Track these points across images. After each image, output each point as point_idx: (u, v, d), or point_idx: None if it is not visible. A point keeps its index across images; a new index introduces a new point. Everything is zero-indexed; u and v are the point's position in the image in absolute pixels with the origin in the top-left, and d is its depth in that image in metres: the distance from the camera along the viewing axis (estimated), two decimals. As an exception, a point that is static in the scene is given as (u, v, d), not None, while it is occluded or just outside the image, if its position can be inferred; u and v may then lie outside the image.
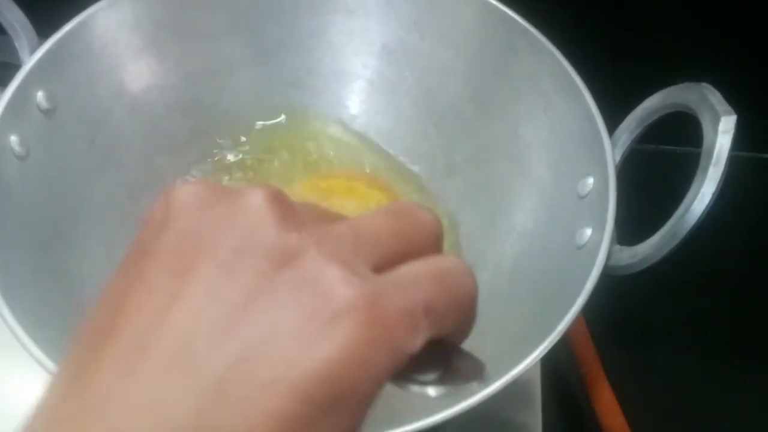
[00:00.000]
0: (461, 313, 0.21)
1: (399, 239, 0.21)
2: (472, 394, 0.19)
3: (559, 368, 0.53)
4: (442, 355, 0.21)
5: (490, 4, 0.49)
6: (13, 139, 0.43)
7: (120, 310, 0.19)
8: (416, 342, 0.19)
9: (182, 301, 0.19)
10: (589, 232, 0.43)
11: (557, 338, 0.38)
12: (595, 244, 0.41)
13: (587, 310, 0.39)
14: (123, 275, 0.20)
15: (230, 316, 0.18)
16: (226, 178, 0.53)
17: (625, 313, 0.54)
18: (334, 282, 0.18)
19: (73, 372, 0.19)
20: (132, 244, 0.21)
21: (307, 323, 0.18)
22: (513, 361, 0.37)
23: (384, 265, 0.20)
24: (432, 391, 0.20)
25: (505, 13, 0.48)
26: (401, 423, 0.35)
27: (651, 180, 0.55)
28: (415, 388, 0.20)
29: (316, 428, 0.18)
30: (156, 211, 0.21)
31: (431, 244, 0.22)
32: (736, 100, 0.41)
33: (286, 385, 0.17)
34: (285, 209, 0.20)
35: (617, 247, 0.42)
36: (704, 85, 0.41)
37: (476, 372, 0.21)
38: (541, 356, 0.37)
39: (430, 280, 0.20)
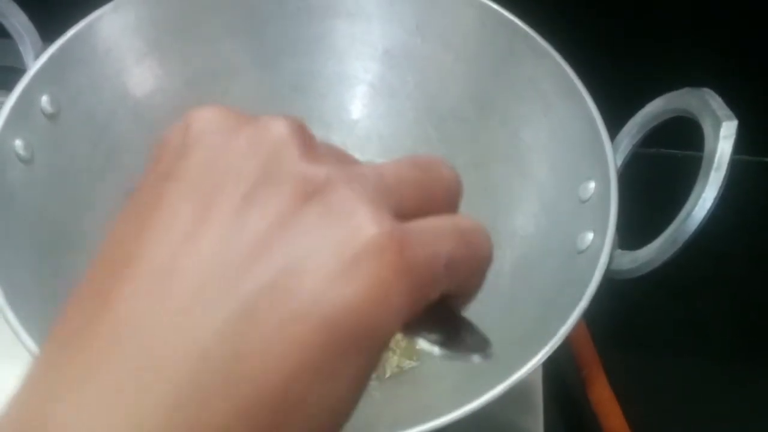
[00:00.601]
0: (476, 273, 0.21)
1: (421, 191, 0.21)
2: (474, 364, 0.19)
3: (560, 371, 0.53)
4: (449, 317, 0.21)
5: (491, 7, 0.49)
6: (18, 143, 0.43)
7: (142, 233, 0.19)
8: (435, 291, 0.19)
9: (209, 227, 0.18)
10: (590, 236, 0.43)
11: (559, 342, 0.38)
12: (596, 249, 0.41)
13: (588, 313, 0.39)
14: (142, 199, 0.20)
15: (258, 243, 0.18)
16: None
17: (625, 316, 0.54)
18: (364, 218, 0.18)
19: (91, 298, 0.19)
20: (148, 168, 0.20)
21: (336, 257, 0.18)
22: (515, 365, 0.37)
23: (405, 214, 0.19)
24: (437, 350, 0.20)
25: (506, 16, 0.48)
26: (404, 426, 0.35)
27: (652, 183, 0.55)
28: (422, 342, 0.20)
29: (338, 363, 0.18)
30: (174, 135, 0.20)
31: (451, 201, 0.22)
32: (737, 104, 0.41)
33: (315, 317, 0.17)
34: (309, 141, 0.20)
35: (618, 251, 0.42)
36: (705, 90, 0.41)
37: (480, 346, 0.21)
38: (543, 360, 0.37)
39: (452, 234, 0.20)
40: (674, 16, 0.57)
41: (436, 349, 0.20)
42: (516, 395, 0.45)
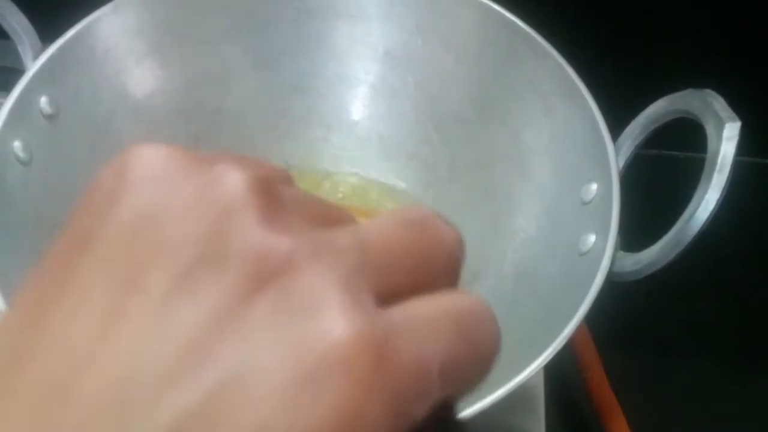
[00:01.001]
0: (479, 371, 0.16)
1: (414, 260, 0.16)
2: None
3: (562, 373, 0.53)
4: (438, 417, 0.16)
5: (493, 8, 0.49)
6: (17, 144, 0.43)
7: (42, 323, 0.15)
8: (424, 407, 0.15)
9: (123, 325, 0.14)
10: (592, 238, 0.43)
11: (561, 345, 0.37)
12: (598, 251, 0.41)
13: (589, 315, 0.39)
14: (52, 266, 0.16)
15: (188, 350, 0.14)
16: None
17: (627, 318, 0.54)
18: (332, 314, 0.14)
19: None
20: (70, 219, 0.16)
21: (292, 370, 0.13)
22: (517, 368, 0.37)
23: (392, 293, 0.15)
24: None
25: (507, 17, 0.48)
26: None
27: (653, 185, 0.54)
28: None
29: None
30: (105, 178, 0.16)
31: (450, 270, 0.17)
32: (739, 105, 0.41)
33: None
34: (272, 200, 0.15)
35: (621, 253, 0.42)
36: (708, 91, 0.41)
37: None
38: (545, 363, 0.37)
39: (449, 326, 0.15)
40: (676, 16, 0.57)
41: None
42: (517, 398, 0.45)
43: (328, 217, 0.17)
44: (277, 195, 0.15)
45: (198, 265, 0.14)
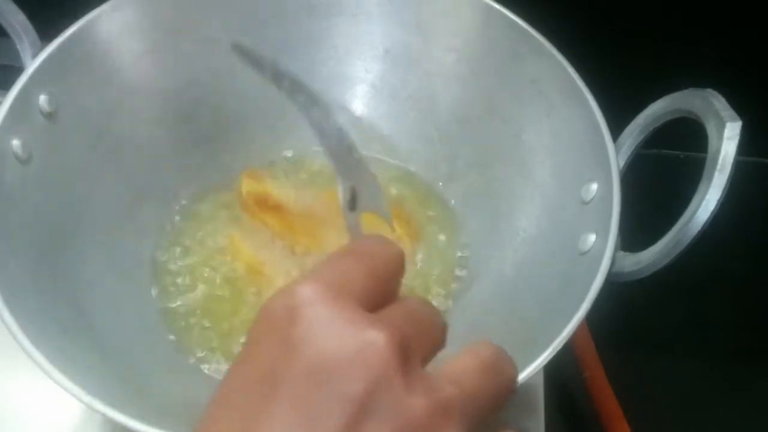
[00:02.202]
0: None
1: (493, 402, 0.22)
2: None
3: (561, 373, 0.53)
4: None
5: (494, 8, 0.49)
6: (15, 143, 0.43)
7: None
8: None
9: None
10: (592, 238, 0.43)
11: (561, 345, 0.37)
12: (598, 251, 0.41)
13: (589, 315, 0.39)
14: (246, 397, 0.20)
15: None
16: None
17: (627, 318, 0.54)
18: None
19: None
20: (252, 353, 0.21)
21: None
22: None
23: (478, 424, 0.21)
24: None
25: (509, 17, 0.48)
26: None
27: (654, 184, 0.54)
28: None
29: None
30: (279, 316, 0.21)
31: (508, 398, 0.23)
32: (740, 105, 0.40)
33: None
34: (406, 359, 0.20)
35: (621, 253, 0.42)
36: (709, 90, 0.41)
37: None
38: (545, 363, 0.37)
39: None
40: (677, 16, 0.57)
41: None
42: (518, 398, 0.45)
43: (433, 336, 0.23)
44: (409, 350, 0.21)
45: (364, 417, 0.19)
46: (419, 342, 0.22)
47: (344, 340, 0.20)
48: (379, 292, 0.22)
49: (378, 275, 0.23)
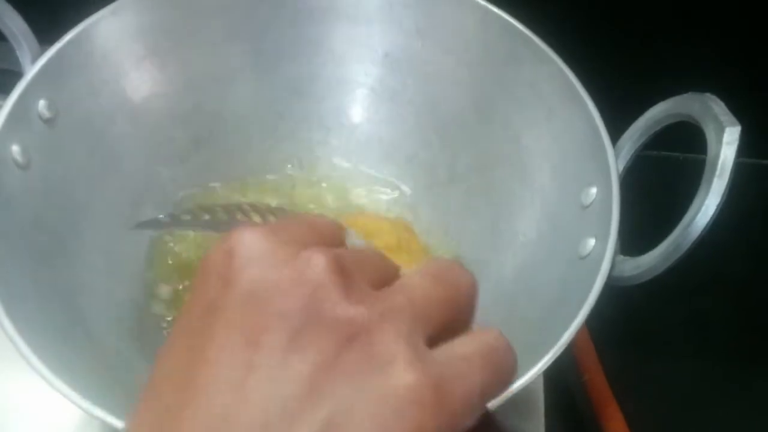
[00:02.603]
0: (507, 387, 0.22)
1: (448, 308, 0.22)
2: None
3: (561, 376, 0.52)
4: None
5: (493, 12, 0.49)
6: (15, 148, 0.43)
7: (196, 372, 0.20)
8: (472, 419, 0.20)
9: (257, 373, 0.19)
10: (592, 242, 0.43)
11: (560, 351, 0.37)
12: (598, 255, 0.41)
13: (589, 318, 0.39)
14: (191, 330, 0.21)
15: (303, 392, 0.19)
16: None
17: (627, 320, 0.54)
18: (402, 367, 0.19)
19: None
20: (194, 294, 0.21)
21: (377, 407, 0.19)
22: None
23: (435, 336, 0.21)
24: None
25: (508, 20, 0.48)
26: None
27: (653, 186, 0.54)
28: None
29: None
30: (217, 259, 0.21)
31: (470, 308, 0.23)
32: (740, 107, 0.40)
33: None
34: (346, 276, 0.21)
35: (620, 257, 0.42)
36: (708, 95, 0.41)
37: None
38: (544, 368, 0.37)
39: (482, 362, 0.21)
40: (676, 19, 0.57)
41: None
42: (517, 402, 0.44)
43: (381, 269, 0.23)
44: (348, 267, 0.21)
45: (303, 330, 0.20)
46: (360, 266, 0.22)
47: (278, 264, 0.21)
48: (317, 242, 0.22)
49: (316, 229, 0.23)
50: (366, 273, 0.22)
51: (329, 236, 0.23)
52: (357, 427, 0.18)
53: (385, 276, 0.23)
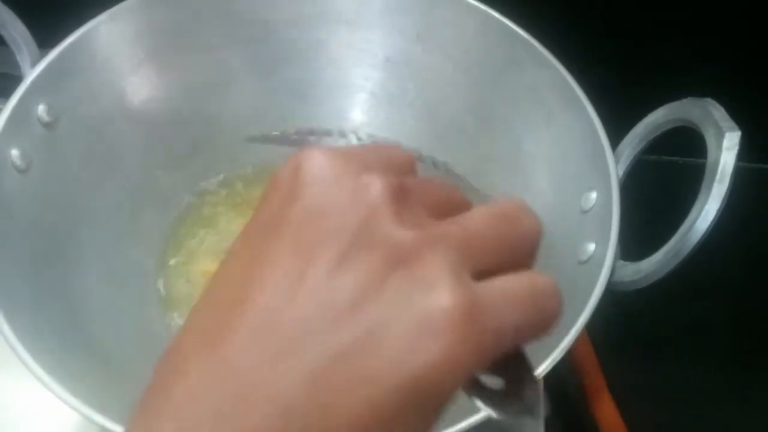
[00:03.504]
0: (545, 330, 0.22)
1: (504, 247, 0.22)
2: (525, 428, 0.22)
3: (561, 380, 0.52)
4: (511, 362, 0.22)
5: (493, 17, 0.49)
6: (14, 152, 0.43)
7: (250, 280, 0.21)
8: (500, 352, 0.21)
9: (308, 282, 0.20)
10: (592, 247, 0.43)
11: (560, 356, 0.37)
12: (598, 260, 0.41)
13: (589, 322, 0.39)
14: (252, 239, 0.22)
15: (348, 304, 0.20)
16: (224, 192, 0.53)
17: (626, 324, 0.54)
18: (443, 292, 0.20)
19: (202, 334, 0.21)
20: (260, 207, 0.23)
21: (415, 327, 0.20)
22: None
23: (485, 270, 0.21)
24: (494, 412, 0.22)
25: (508, 25, 0.48)
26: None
27: (653, 191, 0.54)
28: (480, 405, 0.22)
29: (406, 422, 0.20)
30: (285, 175, 0.22)
31: (530, 252, 0.23)
32: (740, 111, 0.40)
33: (390, 382, 0.19)
34: (402, 202, 0.21)
35: (620, 262, 0.42)
36: (708, 100, 0.41)
37: (532, 401, 0.22)
38: (544, 373, 0.37)
39: (525, 301, 0.21)
40: (676, 25, 0.57)
41: (492, 412, 0.21)
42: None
43: (445, 201, 0.23)
44: (407, 197, 0.22)
45: (354, 248, 0.21)
46: (422, 195, 0.22)
47: (341, 185, 0.22)
48: (385, 169, 0.23)
49: (385, 157, 0.24)
50: (427, 202, 0.23)
51: (398, 165, 0.24)
52: (391, 340, 0.20)
53: (448, 207, 0.23)
